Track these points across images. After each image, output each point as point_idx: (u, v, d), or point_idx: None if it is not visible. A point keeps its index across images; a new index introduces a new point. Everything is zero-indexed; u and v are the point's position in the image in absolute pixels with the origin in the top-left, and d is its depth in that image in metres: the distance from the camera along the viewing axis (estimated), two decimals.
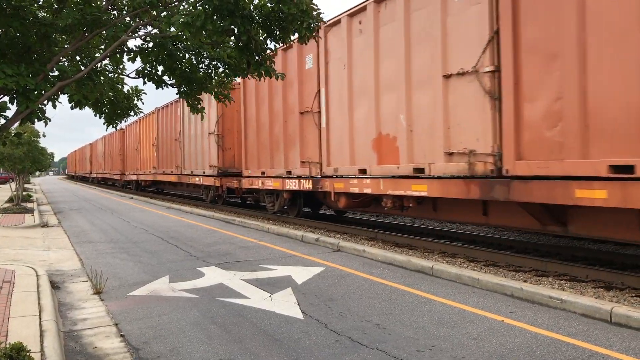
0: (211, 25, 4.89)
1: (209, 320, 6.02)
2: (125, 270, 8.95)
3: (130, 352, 5.04)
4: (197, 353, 4.98)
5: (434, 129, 9.14)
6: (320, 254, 10.19)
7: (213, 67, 6.27)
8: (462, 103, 8.60)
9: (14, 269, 8.21)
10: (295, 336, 5.41)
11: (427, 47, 9.26)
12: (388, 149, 10.33)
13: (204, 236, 13.11)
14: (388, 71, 10.27)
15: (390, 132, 10.29)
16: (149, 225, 15.80)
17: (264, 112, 15.62)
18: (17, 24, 4.66)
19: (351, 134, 11.48)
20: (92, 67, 5.29)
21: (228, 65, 5.99)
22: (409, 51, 9.68)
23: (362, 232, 12.23)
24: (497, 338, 5.25)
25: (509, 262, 8.69)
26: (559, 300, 6.27)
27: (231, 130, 19.21)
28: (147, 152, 30.20)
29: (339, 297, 6.91)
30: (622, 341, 5.09)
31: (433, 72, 9.11)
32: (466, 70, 8.42)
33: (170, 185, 29.26)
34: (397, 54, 9.97)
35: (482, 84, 8.14)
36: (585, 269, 7.71)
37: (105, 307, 6.63)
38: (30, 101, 4.49)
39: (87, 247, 11.63)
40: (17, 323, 5.42)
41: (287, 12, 5.06)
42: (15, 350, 4.19)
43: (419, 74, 9.52)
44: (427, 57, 9.26)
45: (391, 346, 5.07)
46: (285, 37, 5.44)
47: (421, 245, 10.50)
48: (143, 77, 6.23)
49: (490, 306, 6.37)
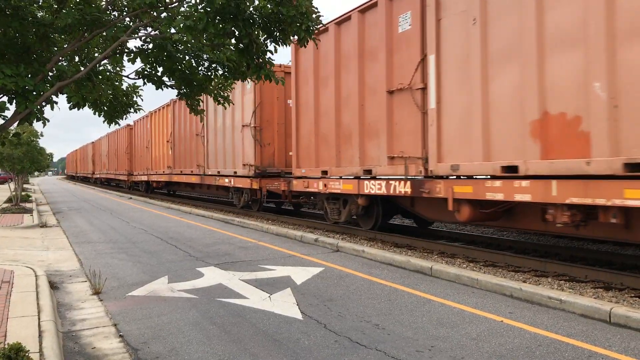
0: (213, 28, 4.88)
1: (208, 320, 6.01)
2: (124, 270, 8.94)
3: (129, 353, 5.03)
4: (196, 353, 4.98)
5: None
6: (320, 254, 10.19)
7: (212, 69, 6.27)
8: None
9: (12, 269, 8.20)
10: (295, 336, 5.41)
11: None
12: (564, 134, 7.18)
13: (203, 236, 13.10)
14: (565, 18, 7.14)
15: (568, 110, 7.12)
16: (147, 225, 15.79)
17: (326, 96, 12.57)
18: (17, 24, 4.65)
19: (485, 115, 8.33)
20: (91, 67, 5.29)
21: (227, 67, 5.99)
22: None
23: (361, 232, 12.21)
24: (497, 338, 5.25)
25: (508, 263, 8.69)
26: (558, 300, 6.27)
27: (270, 122, 16.63)
28: (160, 150, 27.59)
29: (338, 298, 6.91)
30: (621, 341, 5.09)
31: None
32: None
33: (187, 186, 26.28)
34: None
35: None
36: (585, 270, 7.71)
37: (104, 308, 6.62)
38: (29, 102, 4.49)
39: (86, 247, 11.62)
40: (16, 323, 5.41)
41: (287, 15, 5.06)
42: (14, 350, 4.18)
43: (631, 16, 6.38)
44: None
45: (390, 346, 5.07)
46: (285, 39, 5.44)
47: (420, 245, 10.50)
48: (143, 78, 6.23)
49: (489, 306, 6.37)
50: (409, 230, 12.83)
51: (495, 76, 8.22)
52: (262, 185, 16.24)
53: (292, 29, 5.29)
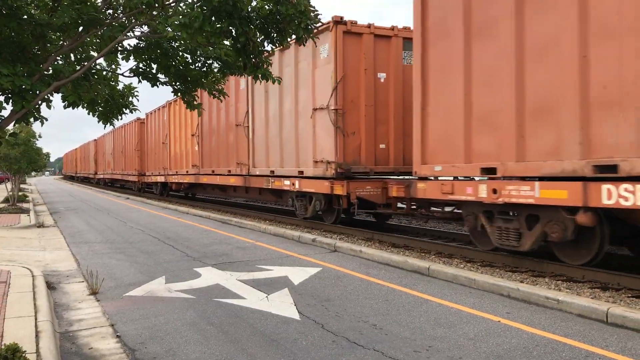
0: (209, 26, 4.87)
1: (205, 320, 6.00)
2: (121, 270, 8.92)
3: (126, 353, 5.02)
4: (193, 354, 4.97)
5: None
6: (317, 254, 10.18)
7: (208, 65, 6.25)
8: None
9: (9, 269, 8.17)
10: (292, 337, 5.40)
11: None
12: None
13: (200, 236, 13.08)
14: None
15: None
16: (145, 225, 15.76)
17: (489, 52, 8.28)
18: (14, 24, 4.63)
19: None
20: (88, 66, 5.27)
21: (224, 63, 5.97)
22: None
23: (358, 232, 12.18)
24: (494, 338, 5.25)
25: (505, 263, 8.70)
26: (556, 300, 6.28)
27: (356, 104, 12.11)
28: (182, 146, 23.47)
29: (336, 298, 6.90)
30: (618, 341, 5.10)
31: None
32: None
33: (217, 189, 21.50)
34: None
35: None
36: (582, 270, 7.71)
37: (101, 308, 6.60)
38: (26, 101, 4.48)
39: (83, 247, 11.59)
40: (13, 324, 5.39)
41: (285, 13, 5.06)
42: (10, 351, 4.16)
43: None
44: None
45: (388, 346, 5.06)
46: (282, 40, 5.43)
47: (418, 245, 10.50)
48: (137, 76, 6.21)
49: (486, 307, 6.38)
50: (406, 229, 12.83)
51: None
52: (351, 190, 11.73)
53: (290, 28, 5.28)
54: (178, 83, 6.27)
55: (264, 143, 15.62)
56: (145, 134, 30.28)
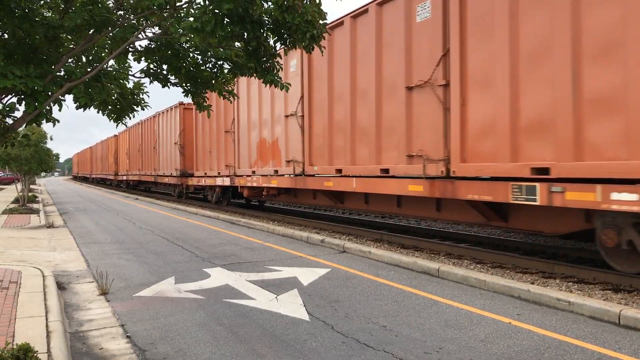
0: (221, 30, 4.88)
1: (215, 321, 6.01)
2: (131, 271, 8.95)
3: (136, 353, 5.03)
4: (203, 354, 4.98)
5: None
6: (326, 255, 10.17)
7: (219, 66, 6.26)
8: None
9: (20, 269, 8.23)
10: (302, 338, 5.39)
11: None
12: None
13: (209, 237, 13.11)
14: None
15: None
16: (154, 226, 15.82)
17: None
18: (27, 26, 4.67)
19: None
20: (100, 68, 5.30)
21: (235, 63, 5.98)
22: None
23: (367, 233, 12.18)
24: (505, 340, 5.22)
25: (515, 264, 8.65)
26: (567, 302, 6.23)
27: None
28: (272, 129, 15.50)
29: (345, 299, 6.89)
30: (631, 344, 5.05)
31: None
32: None
33: (329, 196, 13.87)
34: None
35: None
36: (593, 271, 7.66)
37: (111, 308, 6.63)
38: (38, 102, 4.51)
39: (93, 247, 11.65)
40: (24, 324, 5.43)
41: (292, 22, 5.05)
42: (22, 351, 4.19)
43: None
44: None
45: (398, 348, 5.04)
46: (295, 43, 5.42)
47: (427, 246, 10.46)
48: (148, 76, 6.25)
49: (497, 308, 6.34)
50: (412, 230, 12.79)
51: None
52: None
53: (297, 36, 5.28)
54: (188, 84, 6.30)
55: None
56: (194, 122, 22.98)
